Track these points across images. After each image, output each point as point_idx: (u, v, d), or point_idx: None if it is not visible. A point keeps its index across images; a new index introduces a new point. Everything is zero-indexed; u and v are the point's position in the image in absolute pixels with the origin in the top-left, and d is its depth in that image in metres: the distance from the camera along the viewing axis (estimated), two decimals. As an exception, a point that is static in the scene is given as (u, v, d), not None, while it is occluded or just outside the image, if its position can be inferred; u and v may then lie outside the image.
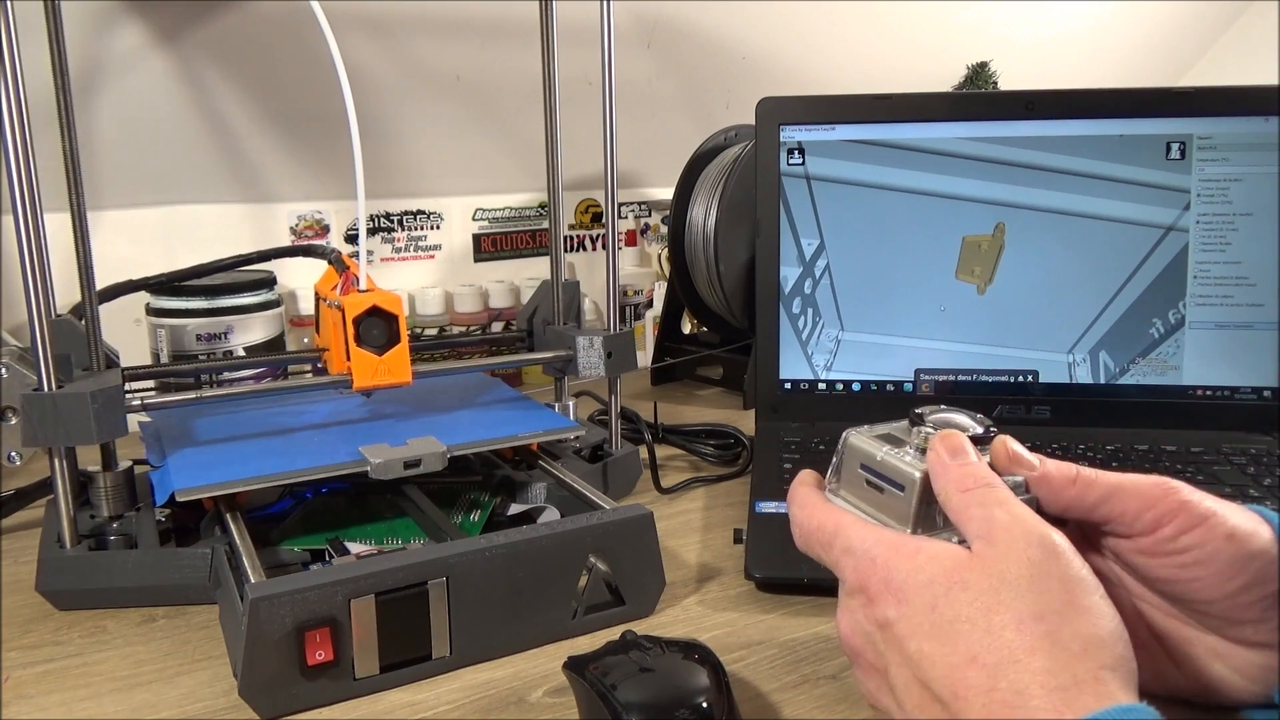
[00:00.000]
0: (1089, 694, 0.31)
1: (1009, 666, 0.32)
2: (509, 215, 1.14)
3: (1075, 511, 0.40)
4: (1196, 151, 0.70)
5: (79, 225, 0.60)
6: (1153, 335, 0.72)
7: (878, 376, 0.75)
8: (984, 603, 0.34)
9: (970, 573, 0.35)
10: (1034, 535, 0.35)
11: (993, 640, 0.33)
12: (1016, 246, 0.72)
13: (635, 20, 1.08)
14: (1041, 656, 0.32)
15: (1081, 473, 0.40)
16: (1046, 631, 0.32)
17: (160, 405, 0.58)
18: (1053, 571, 0.34)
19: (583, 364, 0.70)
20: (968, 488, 0.38)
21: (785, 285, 0.75)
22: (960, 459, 0.39)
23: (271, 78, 0.93)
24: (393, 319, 0.60)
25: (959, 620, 0.34)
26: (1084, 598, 0.34)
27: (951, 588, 0.34)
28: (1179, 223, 0.71)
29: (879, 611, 0.36)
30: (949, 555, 0.36)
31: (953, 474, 0.38)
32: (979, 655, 0.33)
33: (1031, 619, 0.33)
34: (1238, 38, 1.58)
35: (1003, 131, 0.72)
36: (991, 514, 0.36)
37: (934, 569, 0.35)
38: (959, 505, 0.37)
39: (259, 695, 0.43)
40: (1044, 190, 0.72)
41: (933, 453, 0.39)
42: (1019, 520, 0.36)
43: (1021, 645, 0.32)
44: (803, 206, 0.74)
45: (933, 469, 0.39)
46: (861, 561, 0.38)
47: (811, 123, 0.74)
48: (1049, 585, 0.34)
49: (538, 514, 0.61)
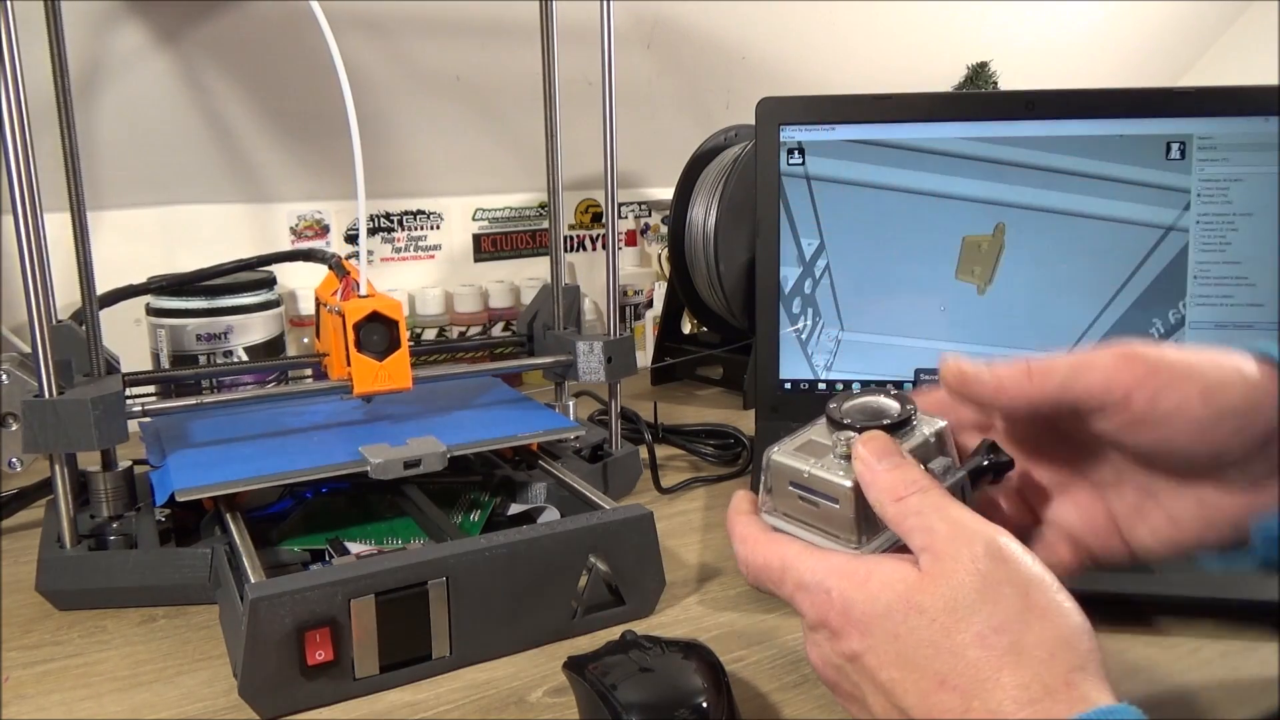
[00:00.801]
0: (1062, 701, 0.31)
1: (979, 686, 0.32)
2: (509, 215, 1.14)
3: (1043, 404, 0.38)
4: (1196, 151, 0.70)
5: (79, 226, 0.60)
6: (1153, 335, 0.72)
7: (878, 376, 0.75)
8: (942, 624, 0.33)
9: (922, 595, 0.34)
10: (978, 542, 0.34)
11: (958, 661, 0.32)
12: (1016, 246, 0.72)
13: (635, 20, 1.08)
14: (1009, 670, 0.32)
15: (1032, 363, 0.38)
16: (1010, 643, 0.32)
17: (161, 411, 0.58)
18: (1003, 578, 0.33)
19: (583, 369, 0.70)
20: (900, 495, 0.36)
21: (785, 285, 0.75)
22: (888, 462, 0.37)
23: (271, 78, 0.93)
24: (393, 324, 0.60)
25: (922, 645, 0.33)
26: (1040, 597, 0.33)
27: (909, 614, 0.34)
28: (1179, 223, 0.71)
29: (844, 645, 0.36)
30: (900, 579, 0.35)
31: (883, 482, 0.37)
32: (948, 678, 0.32)
33: (993, 633, 0.32)
34: (1238, 38, 1.58)
35: (1003, 131, 0.72)
36: (931, 525, 0.35)
37: (889, 596, 0.35)
38: (895, 516, 0.37)
39: (259, 695, 0.43)
40: (1044, 190, 0.72)
41: (858, 462, 0.38)
42: (960, 529, 0.35)
43: (988, 662, 0.32)
44: (803, 206, 0.74)
45: (862, 479, 0.37)
46: (817, 596, 0.37)
47: (811, 123, 0.74)
48: (1003, 593, 0.33)
49: (538, 514, 0.61)
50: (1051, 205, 0.72)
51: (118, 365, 0.63)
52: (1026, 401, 0.38)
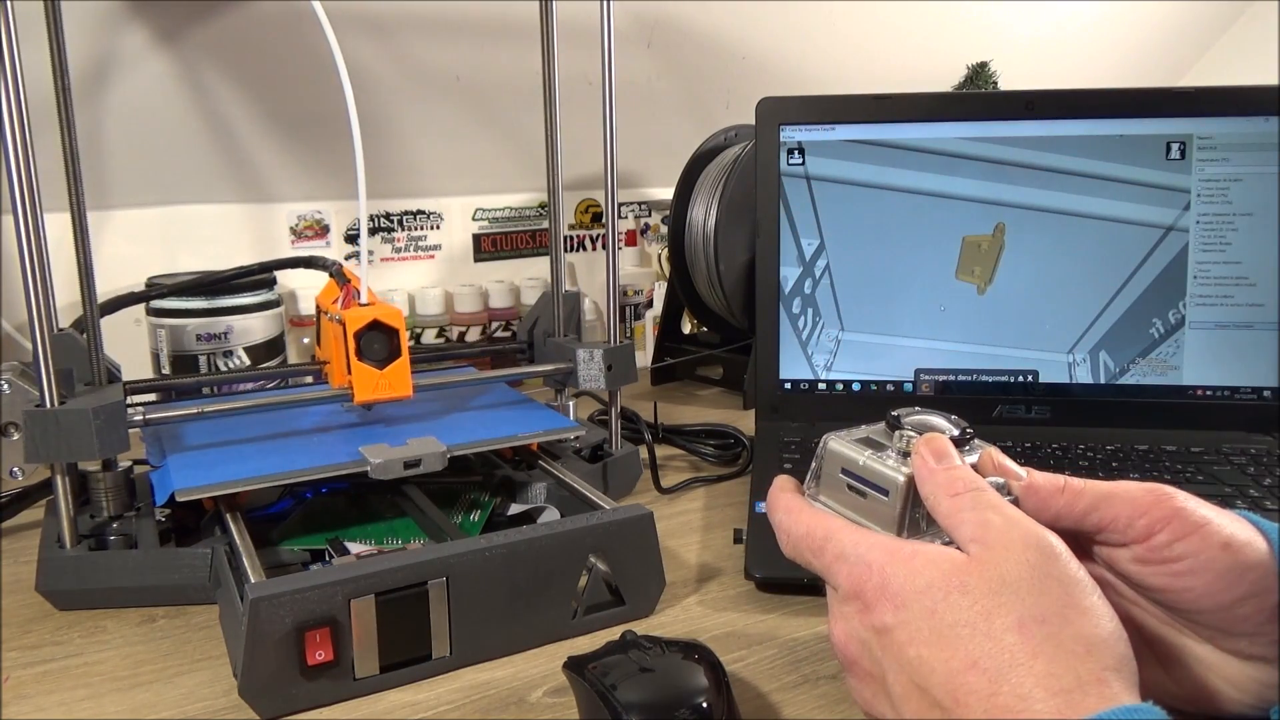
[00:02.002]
0: (1093, 695, 0.31)
1: (1011, 670, 0.32)
2: (509, 215, 1.14)
3: (1065, 520, 0.39)
4: (1196, 151, 0.70)
5: (79, 228, 0.60)
6: (1153, 335, 0.72)
7: (878, 376, 0.75)
8: (984, 606, 0.33)
9: (970, 576, 0.34)
10: (1031, 537, 0.35)
11: (994, 644, 0.33)
12: (1016, 246, 0.72)
13: (635, 20, 1.08)
14: (1044, 659, 0.32)
15: (1069, 482, 0.39)
16: (1049, 634, 0.32)
17: (162, 420, 0.58)
18: (1051, 573, 0.34)
19: (583, 377, 0.71)
20: (957, 492, 0.37)
21: (785, 285, 0.75)
22: (946, 463, 0.39)
23: (271, 78, 0.93)
24: (393, 333, 0.60)
25: (959, 625, 0.33)
26: (1084, 598, 0.33)
27: (950, 592, 0.34)
28: (1179, 223, 0.71)
29: (876, 618, 0.36)
30: (947, 559, 0.35)
31: (940, 478, 0.38)
32: (980, 660, 0.32)
33: (1034, 622, 0.32)
34: (1238, 38, 1.58)
35: (1003, 131, 0.72)
36: (985, 517, 0.36)
37: (932, 573, 0.35)
38: (949, 510, 0.37)
39: (259, 695, 0.43)
40: (1044, 190, 0.72)
41: (917, 457, 0.39)
42: (1014, 523, 0.36)
43: (1024, 648, 0.32)
44: (803, 206, 0.74)
45: (919, 473, 0.39)
46: (856, 567, 0.37)
47: (811, 123, 0.74)
48: (1049, 586, 0.33)
49: (538, 514, 0.61)
50: (1051, 205, 0.72)
51: (119, 374, 0.63)
52: (1052, 514, 0.39)
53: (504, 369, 0.73)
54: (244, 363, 0.87)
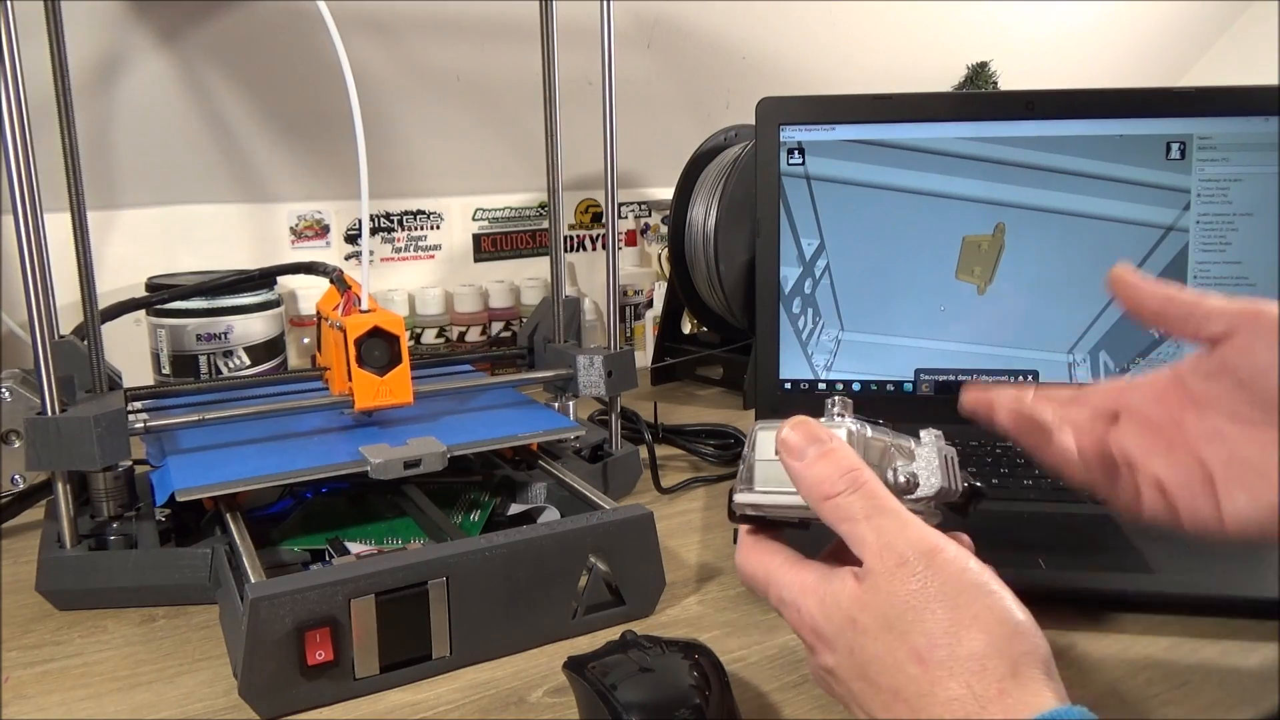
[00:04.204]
0: (996, 709, 0.31)
1: (923, 699, 0.33)
2: (509, 215, 1.14)
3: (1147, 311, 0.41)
4: (1196, 151, 0.70)
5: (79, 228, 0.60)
6: (1153, 335, 0.72)
7: (878, 376, 0.75)
8: (883, 642, 0.34)
9: (863, 614, 0.35)
10: (910, 552, 0.35)
11: (902, 675, 0.34)
12: (1016, 246, 0.72)
13: (635, 20, 1.08)
14: (943, 685, 0.33)
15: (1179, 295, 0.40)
16: (942, 659, 0.33)
17: (163, 428, 0.58)
18: (932, 592, 0.34)
19: (583, 383, 0.71)
20: (827, 495, 0.37)
21: (785, 285, 0.75)
22: (815, 449, 0.37)
23: (271, 78, 0.93)
24: (394, 340, 0.60)
25: (872, 661, 0.35)
26: (970, 606, 0.33)
27: (856, 632, 0.35)
28: (1179, 223, 0.71)
29: (820, 659, 0.38)
30: (845, 596, 0.36)
31: (809, 476, 0.37)
32: (900, 690, 0.34)
33: (926, 649, 0.33)
34: (1238, 38, 1.58)
35: (1003, 131, 0.72)
36: (862, 535, 0.36)
37: (839, 616, 0.36)
38: (828, 519, 0.37)
39: (259, 695, 0.43)
40: (1044, 190, 0.72)
41: (783, 451, 0.38)
42: (889, 540, 0.35)
43: (925, 678, 0.33)
44: (803, 206, 0.74)
45: (790, 471, 0.38)
46: (791, 613, 0.39)
47: (811, 123, 0.74)
48: (931, 609, 0.34)
49: (538, 514, 0.61)
50: (1051, 205, 0.72)
51: (119, 381, 0.63)
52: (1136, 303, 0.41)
53: (504, 374, 0.73)
54: (244, 363, 0.87)
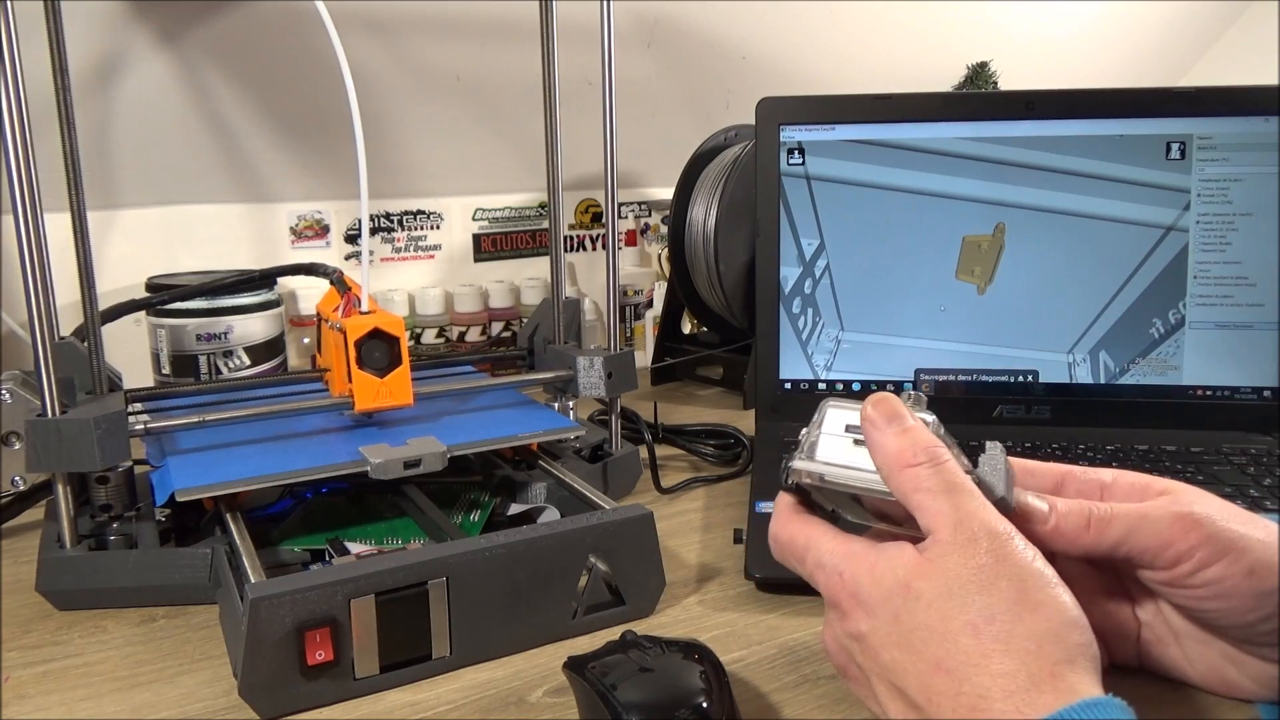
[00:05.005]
0: (1048, 692, 0.31)
1: (970, 671, 0.33)
2: (509, 215, 1.14)
3: (1094, 554, 0.39)
4: (1196, 151, 0.70)
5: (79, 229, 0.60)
6: (1153, 335, 0.72)
7: (878, 376, 0.75)
8: (938, 610, 0.34)
9: (922, 581, 0.35)
10: (981, 532, 0.35)
11: (951, 646, 0.33)
12: (1016, 246, 0.72)
13: (635, 20, 1.08)
14: (997, 659, 0.32)
15: (1094, 515, 0.39)
16: (999, 634, 0.33)
17: (163, 429, 0.58)
18: (1001, 571, 0.34)
19: (583, 384, 0.71)
20: (908, 463, 0.37)
21: (785, 285, 0.75)
22: (896, 425, 0.38)
23: (271, 78, 0.93)
24: (394, 341, 0.60)
25: (919, 629, 0.34)
26: (1035, 592, 0.34)
27: (908, 598, 0.35)
28: (1179, 223, 0.71)
29: (851, 625, 0.37)
30: (902, 563, 0.36)
31: (890, 446, 0.38)
32: (943, 661, 0.33)
33: (984, 622, 0.33)
34: (1238, 38, 1.58)
35: (1003, 131, 0.72)
36: (937, 507, 0.36)
37: (891, 580, 0.36)
38: (901, 486, 0.37)
39: (259, 695, 0.43)
40: (1044, 190, 0.72)
41: (865, 422, 0.38)
42: (964, 516, 0.35)
43: (978, 649, 0.33)
44: (803, 206, 0.74)
45: (869, 441, 0.38)
46: (831, 577, 0.38)
47: (811, 123, 0.74)
48: (998, 586, 0.34)
49: (538, 514, 0.61)
50: (1051, 205, 0.72)
51: (120, 382, 0.63)
52: (1080, 550, 0.39)
53: (504, 375, 0.73)
54: (244, 363, 0.87)
